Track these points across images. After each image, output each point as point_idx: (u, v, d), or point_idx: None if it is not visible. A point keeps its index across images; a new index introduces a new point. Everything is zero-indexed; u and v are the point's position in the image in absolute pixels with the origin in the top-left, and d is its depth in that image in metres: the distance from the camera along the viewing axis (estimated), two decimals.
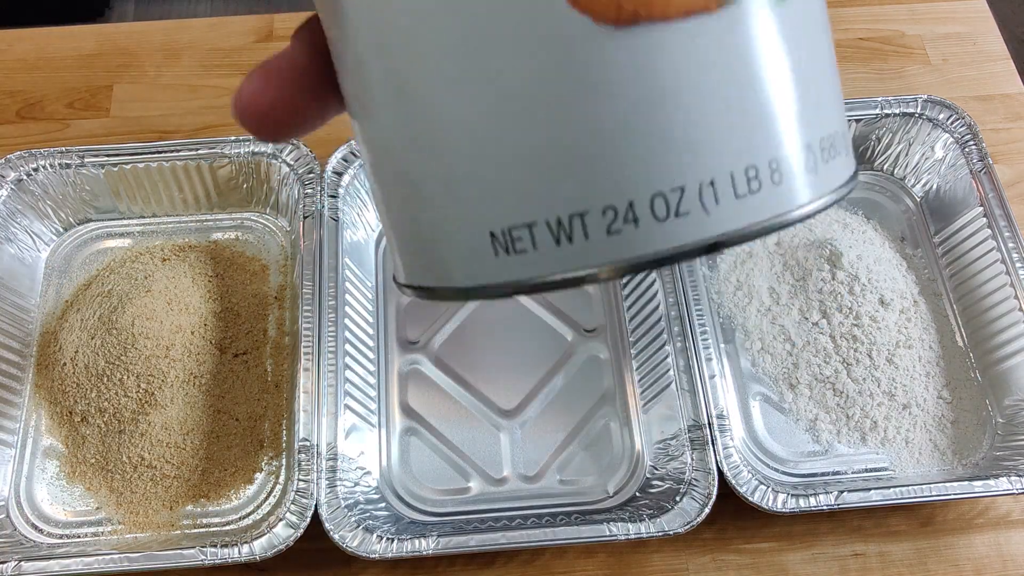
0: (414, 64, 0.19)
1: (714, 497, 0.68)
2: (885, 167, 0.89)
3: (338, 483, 0.69)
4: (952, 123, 0.84)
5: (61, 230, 0.85)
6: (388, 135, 0.21)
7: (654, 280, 0.78)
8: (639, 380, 0.78)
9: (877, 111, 0.85)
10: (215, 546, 0.66)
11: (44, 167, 0.81)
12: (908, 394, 0.76)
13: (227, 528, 0.72)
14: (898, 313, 0.78)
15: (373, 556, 0.66)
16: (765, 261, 0.83)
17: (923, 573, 0.71)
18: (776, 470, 0.74)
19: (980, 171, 0.82)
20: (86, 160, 0.81)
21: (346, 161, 0.82)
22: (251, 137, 0.83)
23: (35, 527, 0.72)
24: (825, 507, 0.68)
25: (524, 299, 0.82)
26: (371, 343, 0.79)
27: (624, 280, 0.83)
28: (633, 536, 0.67)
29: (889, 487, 0.69)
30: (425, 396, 0.78)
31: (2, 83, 0.95)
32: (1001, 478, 0.69)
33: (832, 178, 0.20)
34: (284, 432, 0.75)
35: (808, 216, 0.20)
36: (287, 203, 0.84)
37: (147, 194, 0.84)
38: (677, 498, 0.69)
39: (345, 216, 0.80)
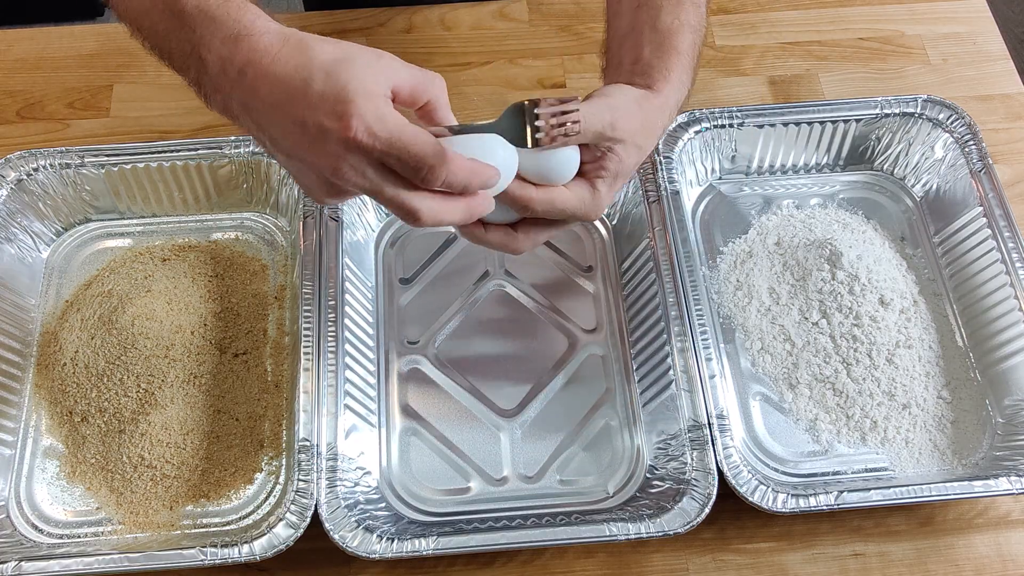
0: None
1: (714, 497, 0.68)
2: (885, 167, 0.89)
3: (338, 483, 0.69)
4: (952, 123, 0.84)
5: (61, 230, 0.85)
6: None
7: (654, 280, 0.78)
8: (639, 380, 0.78)
9: (877, 111, 0.85)
10: (215, 546, 0.66)
11: (44, 167, 0.81)
12: (908, 394, 0.76)
13: (227, 528, 0.72)
14: (898, 313, 0.78)
15: (373, 556, 0.66)
16: (765, 261, 0.83)
17: (923, 573, 0.71)
18: (776, 470, 0.74)
19: (980, 171, 0.82)
20: (86, 160, 0.81)
21: None
22: (250, 136, 0.83)
23: (35, 527, 0.72)
24: (825, 507, 0.68)
25: (524, 299, 0.83)
26: (371, 343, 0.79)
27: (624, 280, 0.83)
28: (633, 536, 0.67)
29: (889, 487, 0.69)
30: (425, 396, 0.78)
31: (2, 83, 0.95)
32: (1001, 478, 0.69)
33: None
34: (284, 432, 0.75)
35: None
36: (287, 203, 0.84)
37: (147, 194, 0.84)
38: (677, 498, 0.69)
39: (345, 216, 0.80)
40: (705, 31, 0.69)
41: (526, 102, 0.55)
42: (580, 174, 0.62)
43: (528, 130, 0.55)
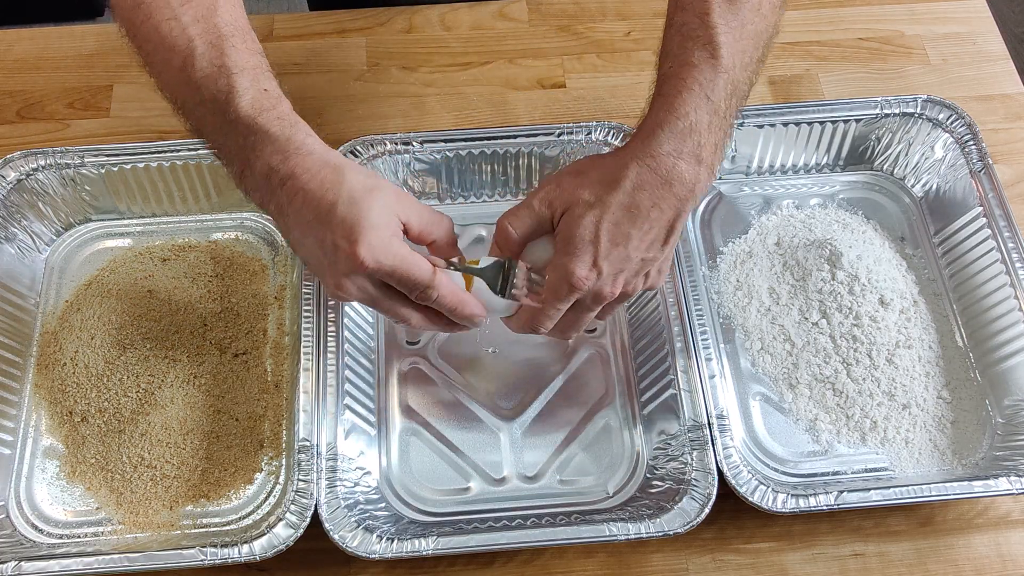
0: None
1: (714, 497, 0.68)
2: (885, 167, 0.89)
3: (338, 483, 0.69)
4: (952, 123, 0.84)
5: (61, 230, 0.85)
6: None
7: None
8: (639, 380, 0.78)
9: (877, 111, 0.85)
10: (215, 546, 0.66)
11: (44, 167, 0.81)
12: (908, 394, 0.76)
13: (227, 528, 0.72)
14: (898, 313, 0.78)
15: (373, 556, 0.66)
16: (765, 261, 0.83)
17: (923, 573, 0.71)
18: (776, 470, 0.74)
19: (980, 171, 0.82)
20: (86, 160, 0.81)
21: None
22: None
23: (35, 527, 0.72)
24: (825, 507, 0.68)
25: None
26: (371, 343, 0.79)
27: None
28: (633, 536, 0.67)
29: (889, 487, 0.69)
30: (425, 396, 0.78)
31: (2, 83, 0.95)
32: (1001, 478, 0.69)
33: None
34: (284, 432, 0.75)
35: None
36: None
37: (147, 194, 0.84)
38: (677, 498, 0.69)
39: None
40: (752, 63, 0.64)
41: (507, 261, 0.65)
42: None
43: (506, 284, 0.65)
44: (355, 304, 0.78)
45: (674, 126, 0.61)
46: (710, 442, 0.70)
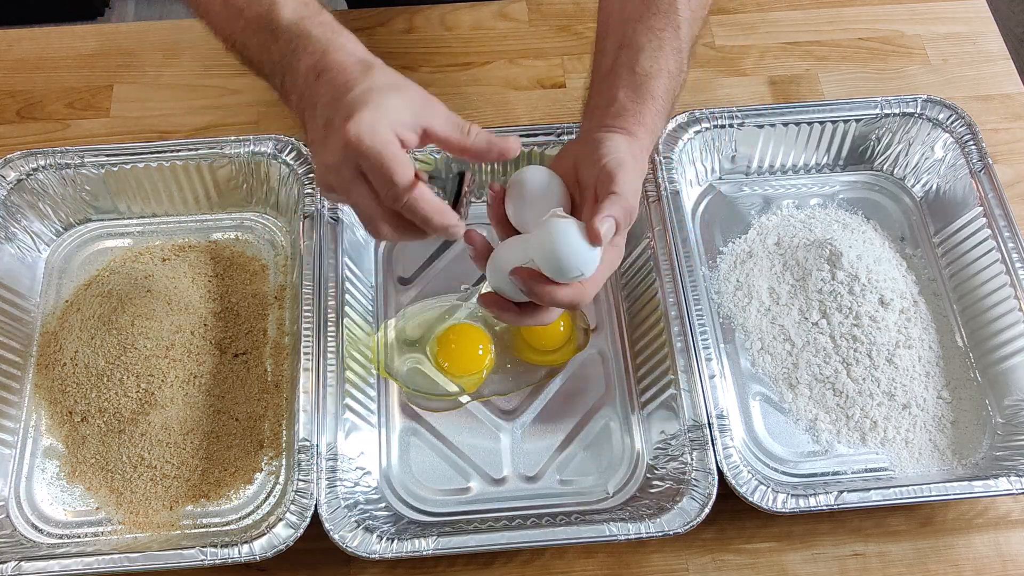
0: None
1: (714, 497, 0.68)
2: (885, 167, 0.89)
3: (338, 483, 0.69)
4: (952, 123, 0.84)
5: (61, 230, 0.85)
6: None
7: (654, 280, 0.78)
8: (639, 380, 0.78)
9: (877, 111, 0.85)
10: (215, 546, 0.66)
11: (44, 167, 0.81)
12: (908, 394, 0.76)
13: (227, 528, 0.72)
14: (898, 313, 0.78)
15: (373, 556, 0.66)
16: (765, 261, 0.83)
17: (923, 573, 0.71)
18: (776, 470, 0.74)
19: (980, 171, 0.82)
20: (86, 160, 0.81)
21: None
22: (250, 136, 0.83)
23: (35, 527, 0.72)
24: (825, 507, 0.68)
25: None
26: (371, 343, 0.79)
27: (624, 280, 0.83)
28: (633, 536, 0.67)
29: (889, 487, 0.69)
30: None
31: (2, 83, 0.95)
32: (1001, 478, 0.69)
33: None
34: (284, 432, 0.75)
35: None
36: (287, 203, 0.84)
37: (147, 194, 0.84)
38: (677, 498, 0.69)
39: (345, 216, 0.80)
40: (684, 79, 0.69)
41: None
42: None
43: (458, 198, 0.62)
44: (355, 304, 0.78)
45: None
46: (710, 442, 0.70)
